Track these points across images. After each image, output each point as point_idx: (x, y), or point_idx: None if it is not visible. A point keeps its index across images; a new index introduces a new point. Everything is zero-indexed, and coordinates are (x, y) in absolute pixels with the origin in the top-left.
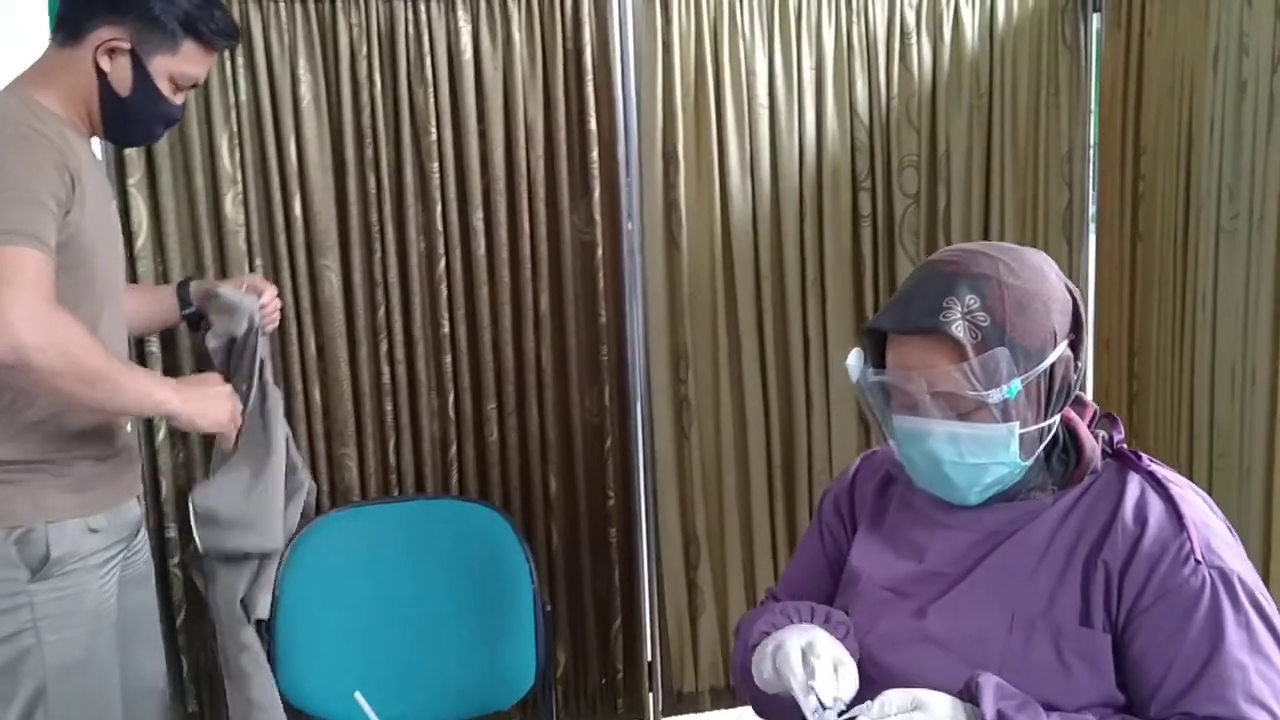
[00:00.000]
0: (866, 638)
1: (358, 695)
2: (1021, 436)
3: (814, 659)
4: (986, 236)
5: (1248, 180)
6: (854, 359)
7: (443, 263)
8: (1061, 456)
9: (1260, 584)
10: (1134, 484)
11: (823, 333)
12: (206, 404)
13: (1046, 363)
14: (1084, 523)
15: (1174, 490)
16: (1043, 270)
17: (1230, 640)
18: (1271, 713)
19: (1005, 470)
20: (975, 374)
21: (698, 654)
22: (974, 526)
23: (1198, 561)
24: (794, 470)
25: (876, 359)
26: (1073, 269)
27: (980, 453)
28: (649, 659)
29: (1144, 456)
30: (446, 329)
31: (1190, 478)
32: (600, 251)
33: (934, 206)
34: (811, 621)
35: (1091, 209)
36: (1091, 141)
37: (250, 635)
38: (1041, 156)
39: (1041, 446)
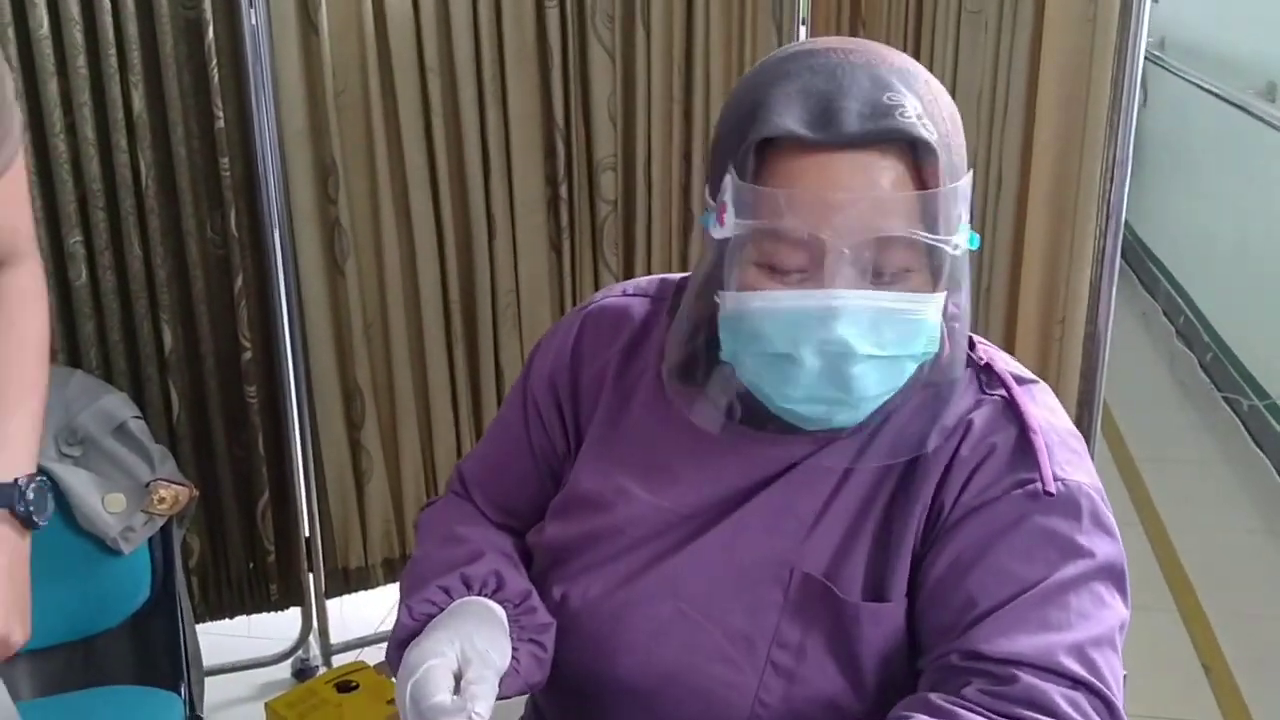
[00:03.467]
0: (591, 590)
1: None
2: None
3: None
4: (690, 21)
5: None
6: (732, 191)
7: None
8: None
9: (1109, 505)
10: (969, 383)
11: (504, 139)
12: None
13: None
14: (895, 442)
15: (1011, 381)
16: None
17: (1063, 575)
18: (1092, 666)
19: (913, 366)
20: (941, 203)
21: (366, 525)
22: (760, 457)
23: (1036, 470)
24: (474, 307)
25: (762, 203)
26: None
27: (906, 340)
28: (306, 535)
29: (977, 342)
30: None
31: None
32: (211, 32)
33: None
34: (474, 593)
35: None
36: None
37: None
38: None
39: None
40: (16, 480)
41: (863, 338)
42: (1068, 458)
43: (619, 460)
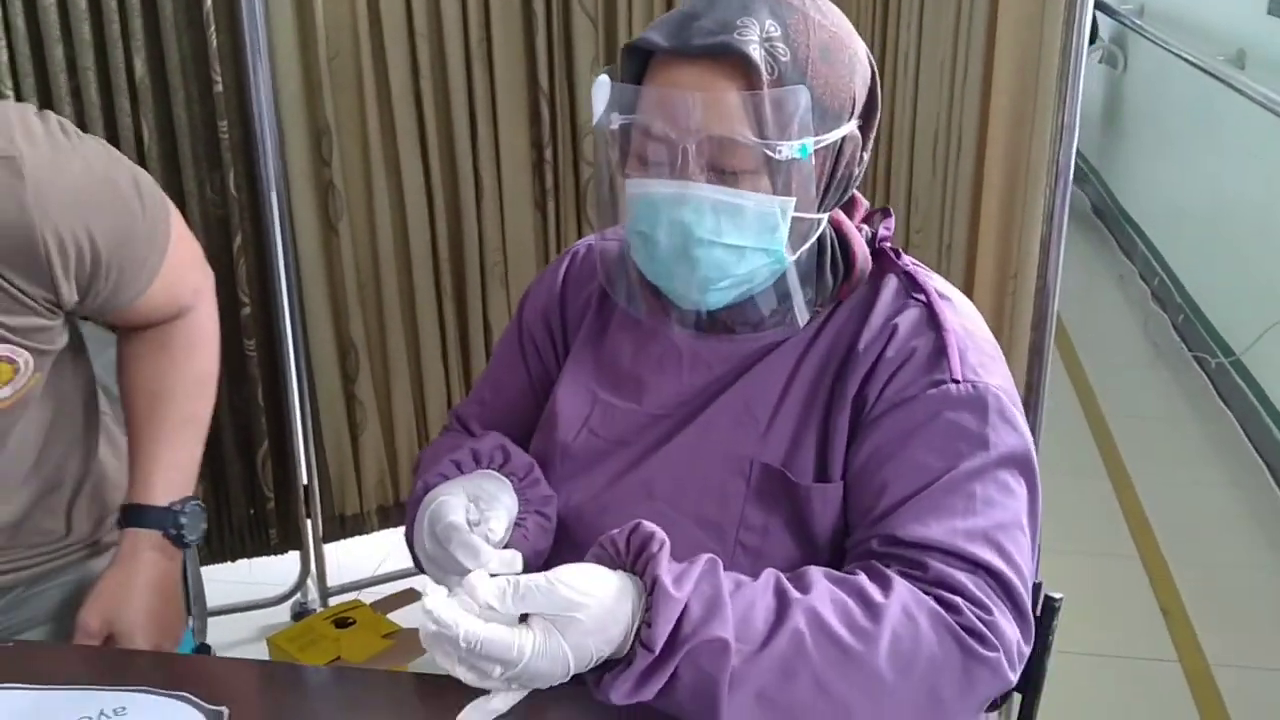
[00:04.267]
0: (574, 496)
1: None
2: (793, 222)
3: (480, 539)
4: None
5: None
6: (601, 85)
7: None
8: (831, 267)
9: (1019, 405)
10: (888, 289)
11: (491, 103)
12: None
13: (841, 131)
14: (832, 344)
15: (932, 291)
16: (849, 26)
17: (965, 466)
18: (998, 549)
19: (764, 261)
20: (766, 111)
21: (361, 473)
22: (710, 358)
23: (950, 374)
24: (463, 265)
25: (627, 100)
26: None
27: (742, 230)
28: (304, 483)
29: (904, 256)
30: (10, 96)
31: None
32: (209, 0)
33: None
34: (483, 467)
35: None
36: None
37: None
38: None
39: (807, 245)
40: (170, 505)
41: (699, 224)
42: (980, 361)
43: (596, 376)
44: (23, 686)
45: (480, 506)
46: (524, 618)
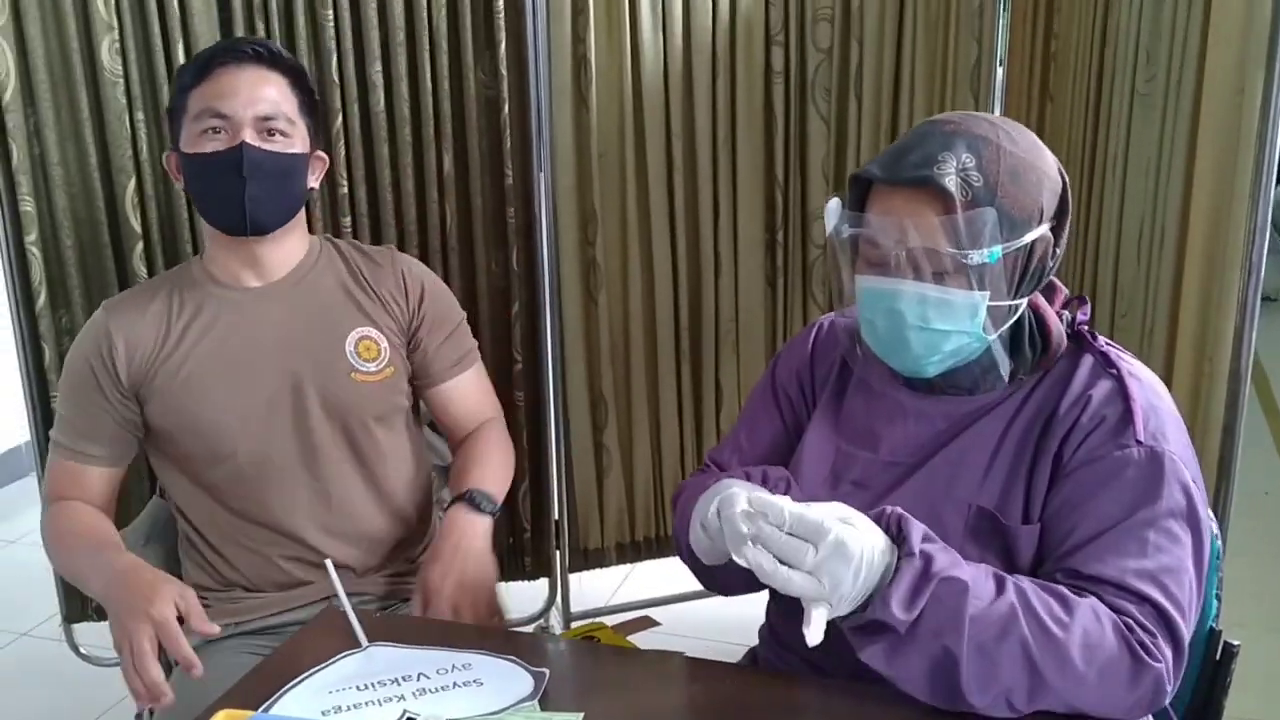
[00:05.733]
0: None
1: (328, 562)
2: (990, 309)
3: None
4: (897, 94)
5: (1166, 43)
6: (833, 208)
7: (339, 119)
8: (1030, 343)
9: (1197, 473)
10: (1085, 365)
11: (732, 193)
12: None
13: (1030, 236)
14: (1038, 410)
15: (1124, 369)
16: (1041, 147)
17: (1140, 515)
18: (1162, 588)
19: (966, 340)
20: (960, 229)
21: (604, 512)
22: (934, 415)
23: (1134, 438)
24: (700, 332)
25: (854, 220)
26: None
27: (946, 318)
28: (555, 518)
29: (1099, 338)
30: (345, 189)
31: None
32: (506, 109)
33: (846, 63)
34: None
35: (1002, 69)
36: None
37: None
38: (953, 10)
39: (1005, 326)
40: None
41: (910, 312)
42: (1160, 429)
43: (836, 428)
44: (396, 645)
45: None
46: None
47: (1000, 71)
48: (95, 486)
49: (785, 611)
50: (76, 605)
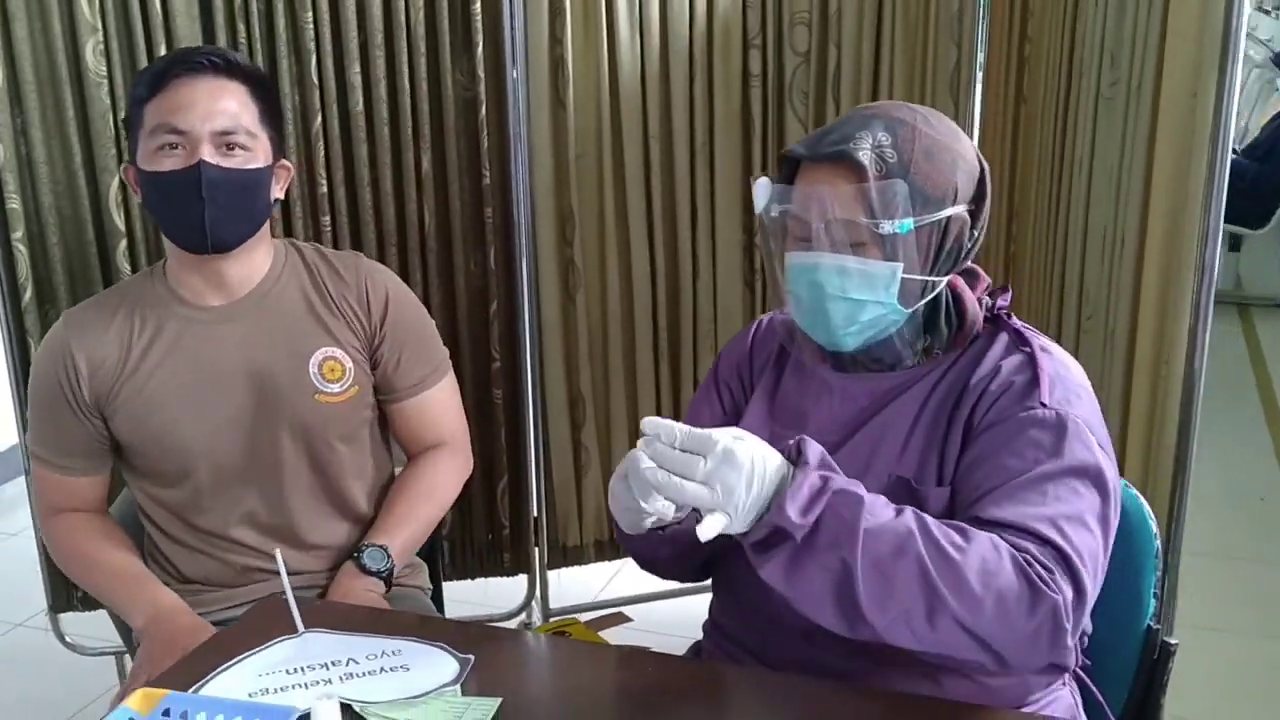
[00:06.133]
0: None
1: (277, 551)
2: (903, 281)
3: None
4: (875, 96)
5: (1129, 47)
6: (761, 185)
7: (319, 119)
8: (946, 321)
9: (1106, 442)
10: (1000, 342)
11: (710, 196)
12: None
13: (942, 213)
14: (954, 383)
15: (1036, 344)
16: (958, 132)
17: (1041, 469)
18: (1061, 532)
19: (881, 312)
20: (872, 199)
21: (582, 510)
22: (857, 393)
23: (1039, 400)
24: (679, 333)
25: (780, 195)
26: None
27: (862, 288)
28: (535, 515)
29: (1015, 319)
30: (325, 189)
31: (1059, 341)
32: (484, 109)
33: (824, 66)
34: None
35: (980, 73)
36: (982, 1)
37: None
38: (932, 14)
39: (923, 301)
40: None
41: (828, 283)
42: (1066, 396)
43: (770, 413)
44: (331, 631)
45: None
46: None
47: (979, 75)
48: (86, 493)
49: (726, 605)
50: (63, 596)
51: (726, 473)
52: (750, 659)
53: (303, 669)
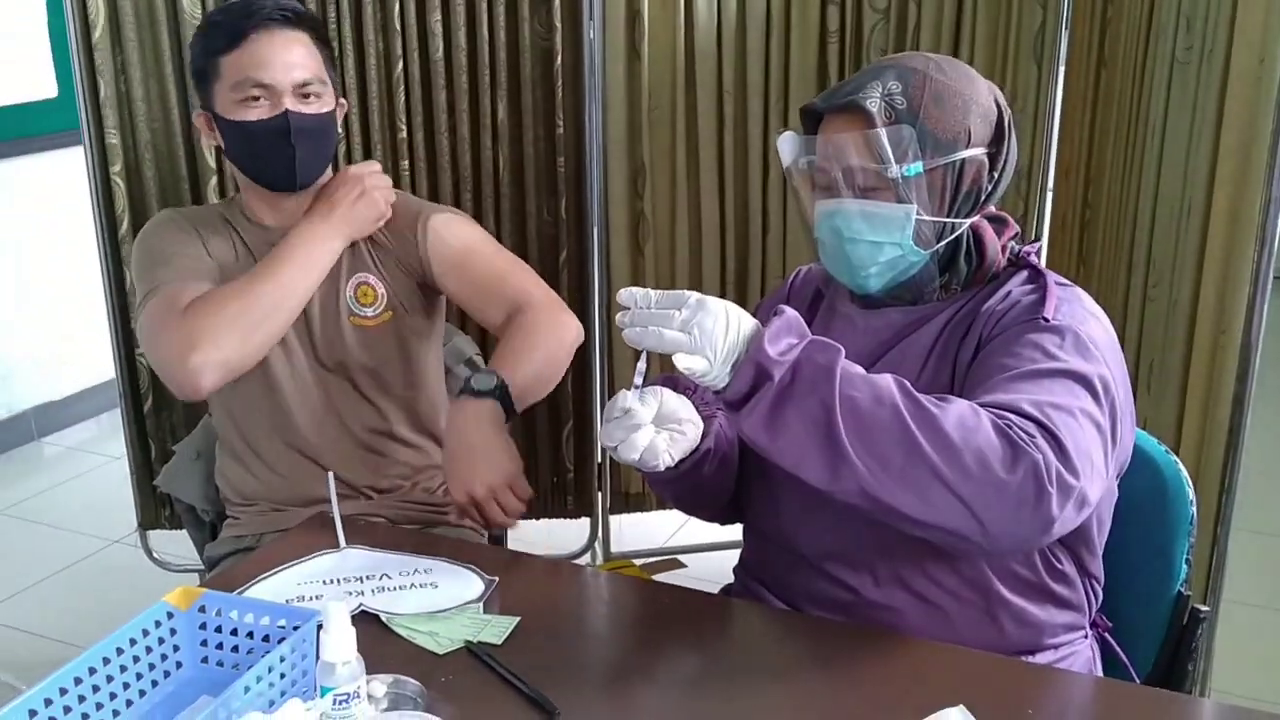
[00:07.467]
0: None
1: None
2: (918, 223)
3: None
4: (956, 54)
5: (1203, 11)
6: (785, 138)
7: (400, 65)
8: (967, 260)
9: (1114, 362)
10: (1017, 279)
11: None
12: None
13: (954, 156)
14: (967, 314)
15: (1051, 278)
16: (973, 77)
17: (1036, 366)
18: (1046, 414)
19: (898, 254)
20: (882, 144)
21: None
22: (879, 327)
23: (1043, 315)
24: (746, 287)
25: (803, 146)
26: (1040, 94)
27: (877, 230)
28: (599, 461)
29: (1036, 260)
30: (404, 134)
31: (1125, 308)
32: (560, 60)
33: (904, 23)
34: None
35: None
36: None
37: None
38: None
39: (942, 243)
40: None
41: (846, 227)
42: (1072, 314)
43: None
44: (370, 548)
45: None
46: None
47: (1064, 39)
48: None
49: (749, 543)
50: (151, 513)
51: (703, 318)
52: (770, 594)
53: (339, 580)
